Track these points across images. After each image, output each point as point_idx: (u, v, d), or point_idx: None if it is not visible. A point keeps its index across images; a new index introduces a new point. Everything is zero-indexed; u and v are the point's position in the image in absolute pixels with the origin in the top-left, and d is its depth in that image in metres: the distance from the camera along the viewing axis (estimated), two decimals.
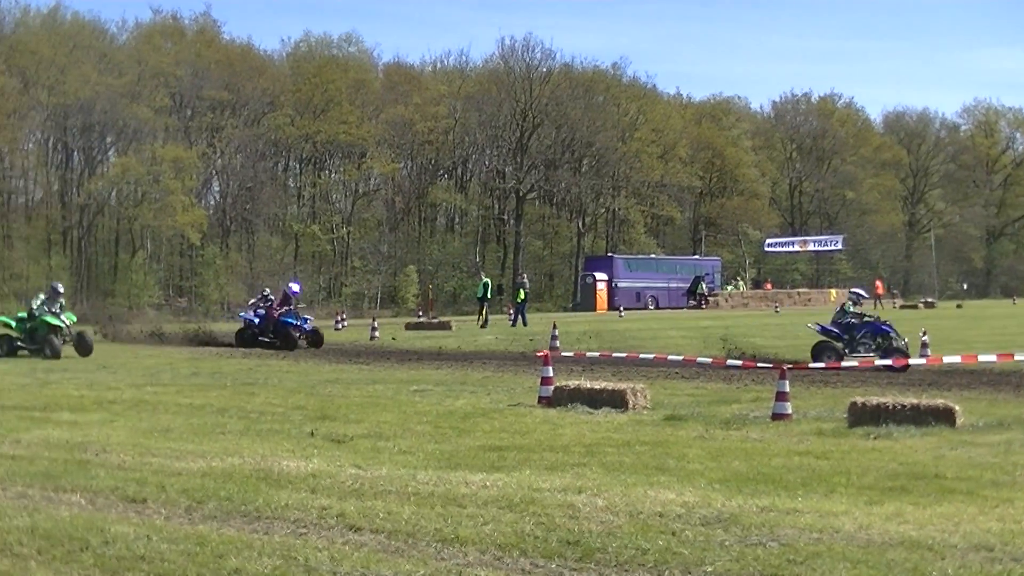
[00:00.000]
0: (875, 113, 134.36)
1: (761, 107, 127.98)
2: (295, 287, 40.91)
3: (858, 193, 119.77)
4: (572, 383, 20.10)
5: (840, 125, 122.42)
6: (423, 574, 8.43)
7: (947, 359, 23.82)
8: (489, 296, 53.67)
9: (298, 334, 38.07)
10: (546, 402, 19.64)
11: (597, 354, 26.99)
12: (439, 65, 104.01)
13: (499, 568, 8.64)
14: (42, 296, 34.70)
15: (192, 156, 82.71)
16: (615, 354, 26.02)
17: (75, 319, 35.76)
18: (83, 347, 33.24)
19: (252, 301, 44.27)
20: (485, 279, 55.89)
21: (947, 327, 45.38)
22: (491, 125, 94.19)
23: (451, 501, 10.92)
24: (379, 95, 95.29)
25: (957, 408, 16.84)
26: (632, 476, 12.40)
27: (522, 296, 53.44)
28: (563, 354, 27.58)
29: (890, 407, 16.73)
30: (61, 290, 35.78)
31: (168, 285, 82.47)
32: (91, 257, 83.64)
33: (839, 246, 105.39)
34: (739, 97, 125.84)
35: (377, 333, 42.71)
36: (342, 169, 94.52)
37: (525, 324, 49.66)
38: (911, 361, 25.06)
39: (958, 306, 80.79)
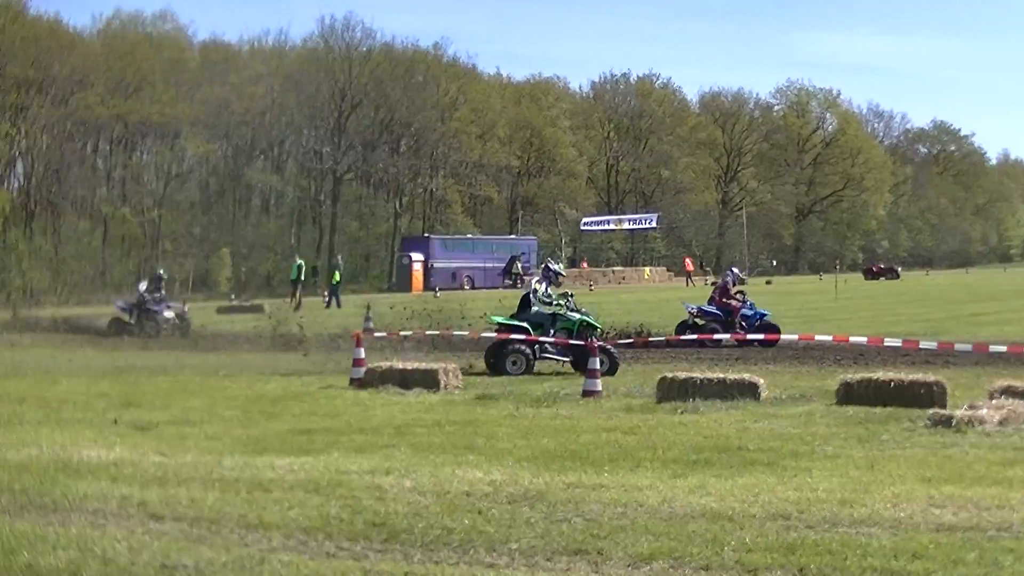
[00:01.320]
0: (692, 93, 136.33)
1: (580, 87, 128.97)
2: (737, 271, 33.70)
3: (673, 172, 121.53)
4: (384, 364, 20.03)
5: (657, 105, 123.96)
6: (225, 561, 8.23)
7: (751, 336, 24.25)
8: (303, 278, 53.21)
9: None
10: (358, 384, 19.56)
11: (410, 334, 26.84)
12: (257, 44, 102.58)
13: (303, 552, 8.53)
14: (541, 284, 24.27)
15: None
16: (427, 332, 25.97)
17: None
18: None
19: (144, 287, 39.23)
20: (299, 261, 55.35)
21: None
22: (309, 105, 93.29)
23: (257, 486, 10.75)
24: (195, 74, 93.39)
25: (761, 382, 17.28)
26: (441, 456, 12.41)
27: (337, 278, 53.14)
28: (376, 335, 27.38)
29: (697, 382, 17.07)
30: (560, 270, 25.83)
31: None
32: None
33: (653, 224, 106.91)
34: (558, 77, 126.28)
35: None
36: (155, 150, 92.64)
37: (339, 306, 49.35)
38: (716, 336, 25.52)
39: (768, 282, 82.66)
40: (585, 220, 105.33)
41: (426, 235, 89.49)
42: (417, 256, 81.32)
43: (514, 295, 31.70)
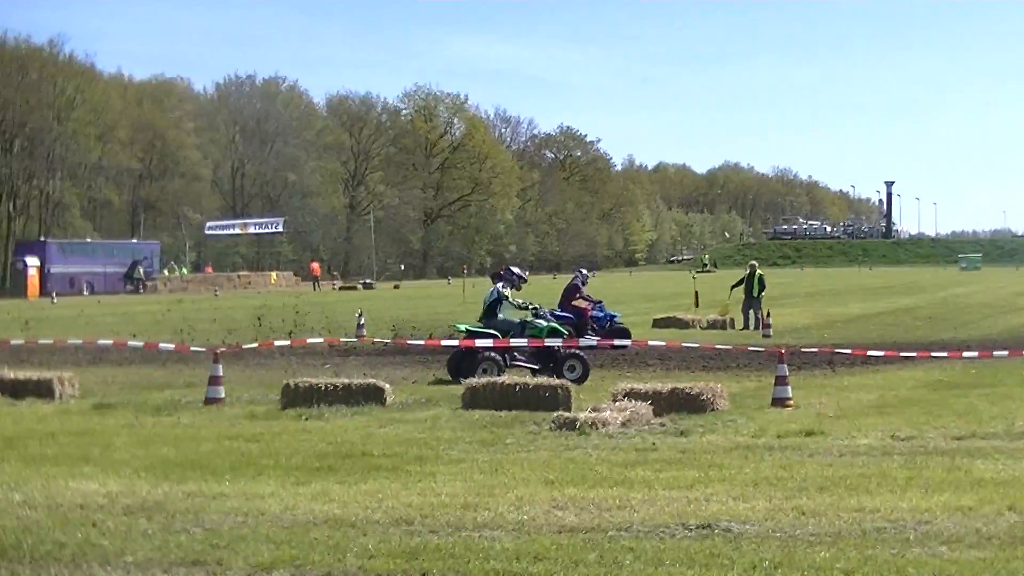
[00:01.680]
0: (319, 97, 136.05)
1: (205, 89, 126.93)
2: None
3: (300, 176, 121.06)
4: None
5: (283, 108, 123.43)
6: None
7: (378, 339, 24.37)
8: None
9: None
10: None
11: (22, 342, 25.71)
12: None
13: None
14: (506, 289, 22.70)
15: None
16: (41, 341, 24.98)
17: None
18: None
19: None
20: None
21: (384, 308, 46.76)
22: None
23: None
24: None
25: (387, 387, 17.41)
26: (54, 468, 12.03)
27: None
28: None
29: (322, 388, 17.05)
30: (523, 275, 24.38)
31: None
32: None
33: (280, 228, 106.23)
34: (182, 78, 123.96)
35: None
36: None
37: None
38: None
39: (396, 287, 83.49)
40: (210, 224, 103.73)
41: (42, 239, 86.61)
42: (33, 261, 78.65)
43: (133, 300, 30.89)
